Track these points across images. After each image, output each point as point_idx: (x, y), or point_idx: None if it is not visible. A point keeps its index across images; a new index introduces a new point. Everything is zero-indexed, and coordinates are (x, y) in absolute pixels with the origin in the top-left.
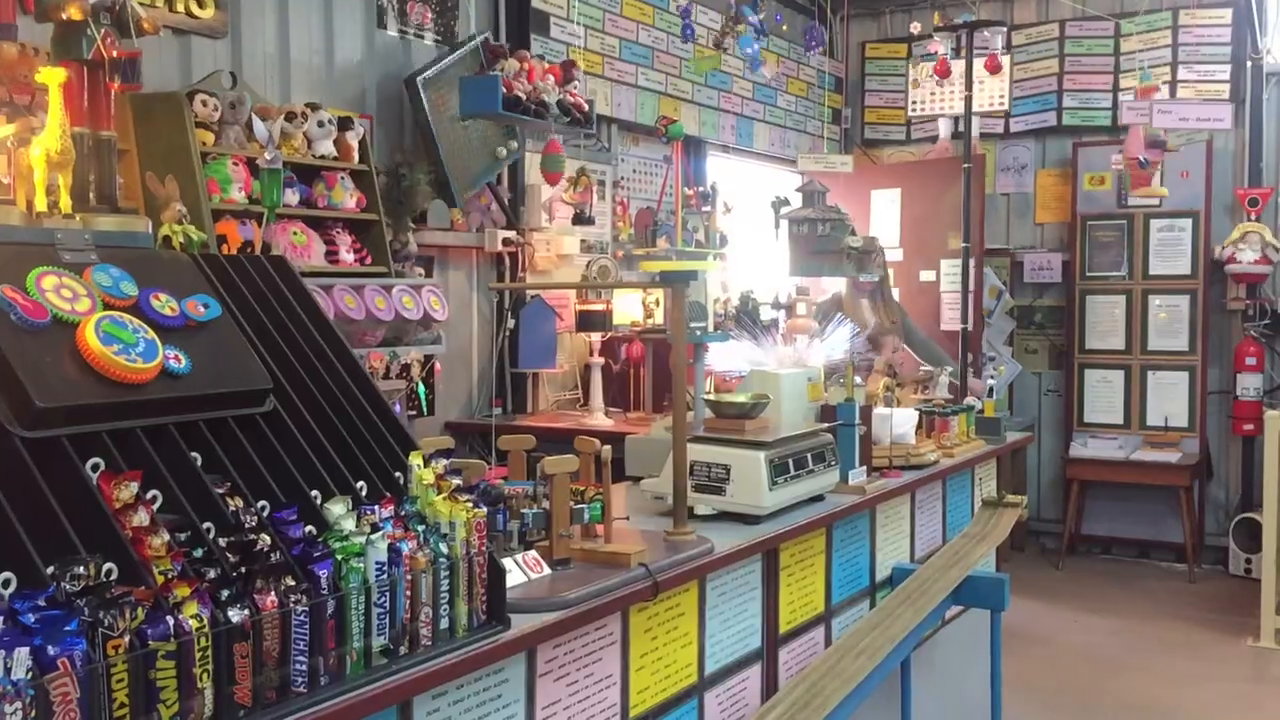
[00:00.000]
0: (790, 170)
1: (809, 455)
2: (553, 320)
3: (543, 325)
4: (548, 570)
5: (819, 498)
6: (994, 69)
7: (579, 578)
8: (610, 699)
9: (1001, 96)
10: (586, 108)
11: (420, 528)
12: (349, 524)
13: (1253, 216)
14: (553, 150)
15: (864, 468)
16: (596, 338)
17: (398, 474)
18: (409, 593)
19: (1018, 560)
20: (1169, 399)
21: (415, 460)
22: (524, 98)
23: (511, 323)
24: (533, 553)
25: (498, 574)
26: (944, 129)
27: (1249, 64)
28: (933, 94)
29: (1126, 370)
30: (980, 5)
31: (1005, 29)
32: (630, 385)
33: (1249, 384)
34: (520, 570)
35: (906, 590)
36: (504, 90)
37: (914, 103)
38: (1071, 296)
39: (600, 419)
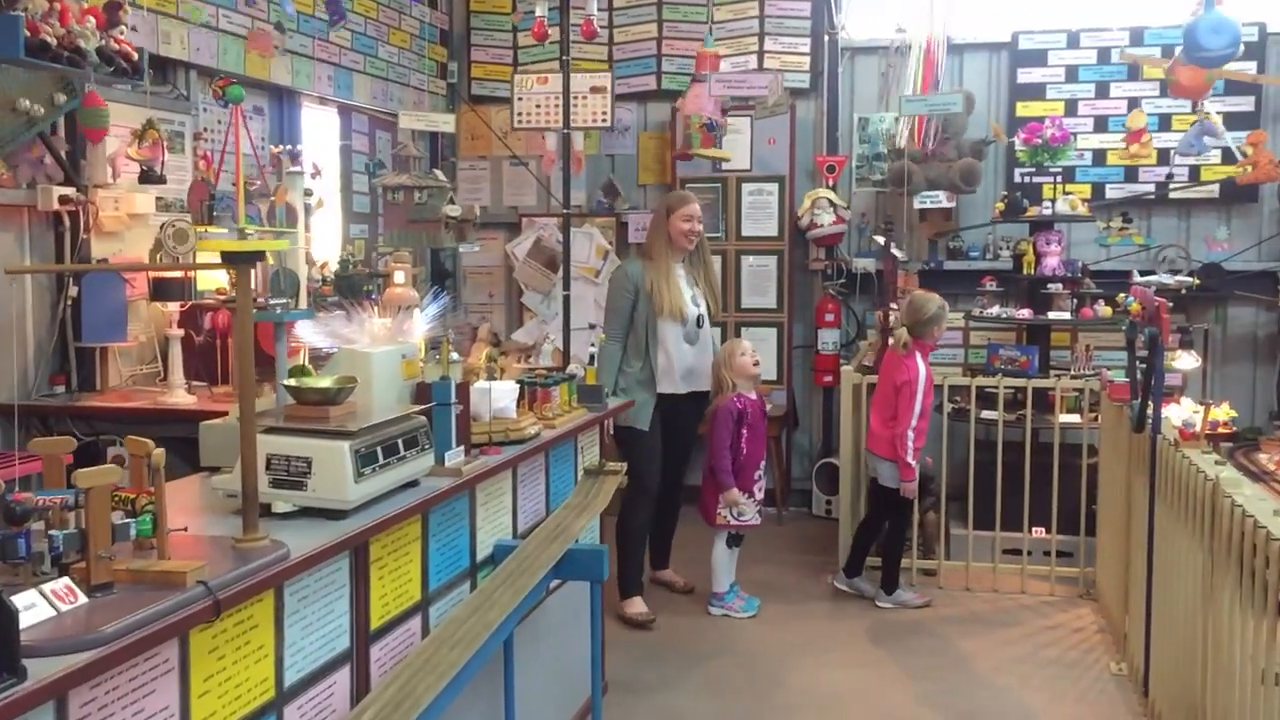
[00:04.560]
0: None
1: (400, 441)
2: (122, 288)
3: (110, 294)
4: (84, 599)
5: (413, 483)
6: (590, 35)
7: (122, 605)
8: None
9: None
10: (135, 56)
11: None
12: None
13: (830, 183)
14: (92, 104)
15: (461, 447)
16: (175, 307)
17: None
18: None
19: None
20: (760, 354)
21: None
22: (54, 43)
23: (74, 291)
24: (65, 580)
25: (7, 617)
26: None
27: (827, 39)
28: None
29: (723, 327)
30: None
31: None
32: (217, 358)
33: (828, 339)
34: (47, 603)
35: (506, 571)
36: (28, 33)
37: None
38: None
39: (181, 396)
